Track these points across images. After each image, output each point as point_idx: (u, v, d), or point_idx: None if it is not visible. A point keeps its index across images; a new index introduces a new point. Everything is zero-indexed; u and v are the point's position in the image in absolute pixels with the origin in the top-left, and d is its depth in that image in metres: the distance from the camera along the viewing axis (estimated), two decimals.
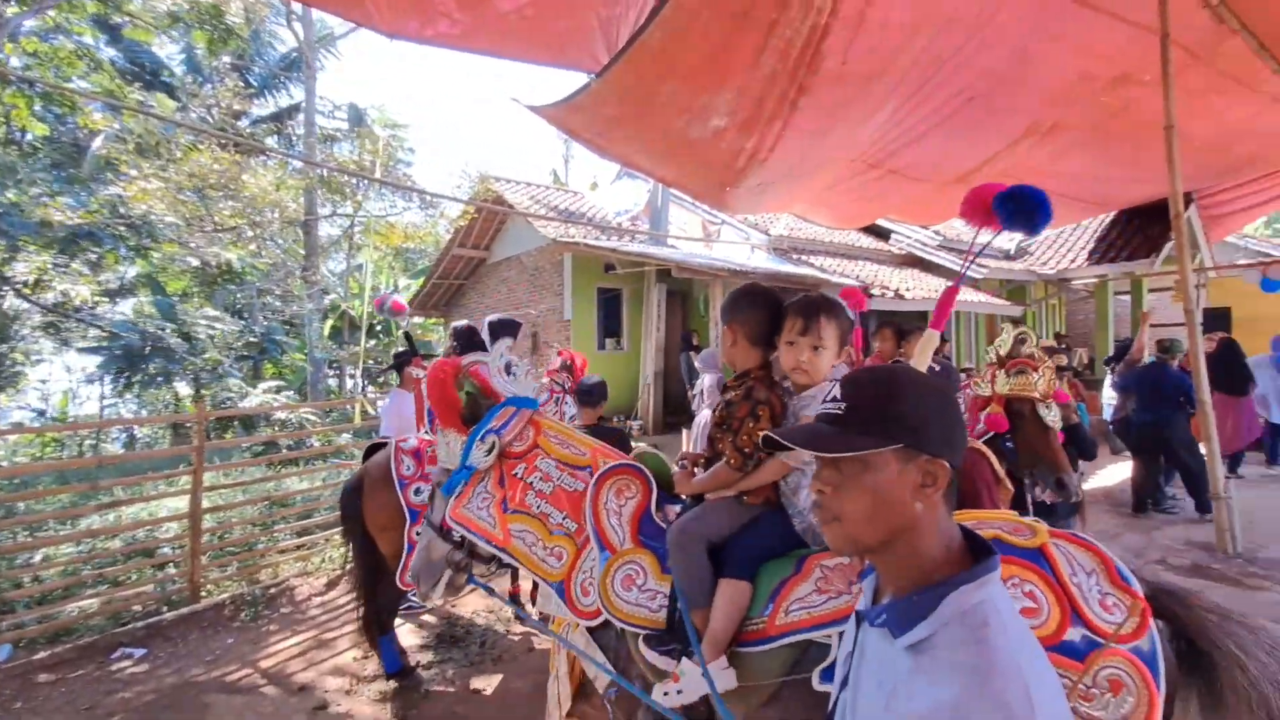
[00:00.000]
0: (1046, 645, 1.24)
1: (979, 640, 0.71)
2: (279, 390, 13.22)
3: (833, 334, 1.60)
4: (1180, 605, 1.43)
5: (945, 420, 0.84)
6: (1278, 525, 5.31)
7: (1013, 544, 1.42)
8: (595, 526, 1.88)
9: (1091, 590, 1.37)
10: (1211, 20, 5.27)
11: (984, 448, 2.41)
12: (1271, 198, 10.08)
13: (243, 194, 10.50)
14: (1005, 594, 0.80)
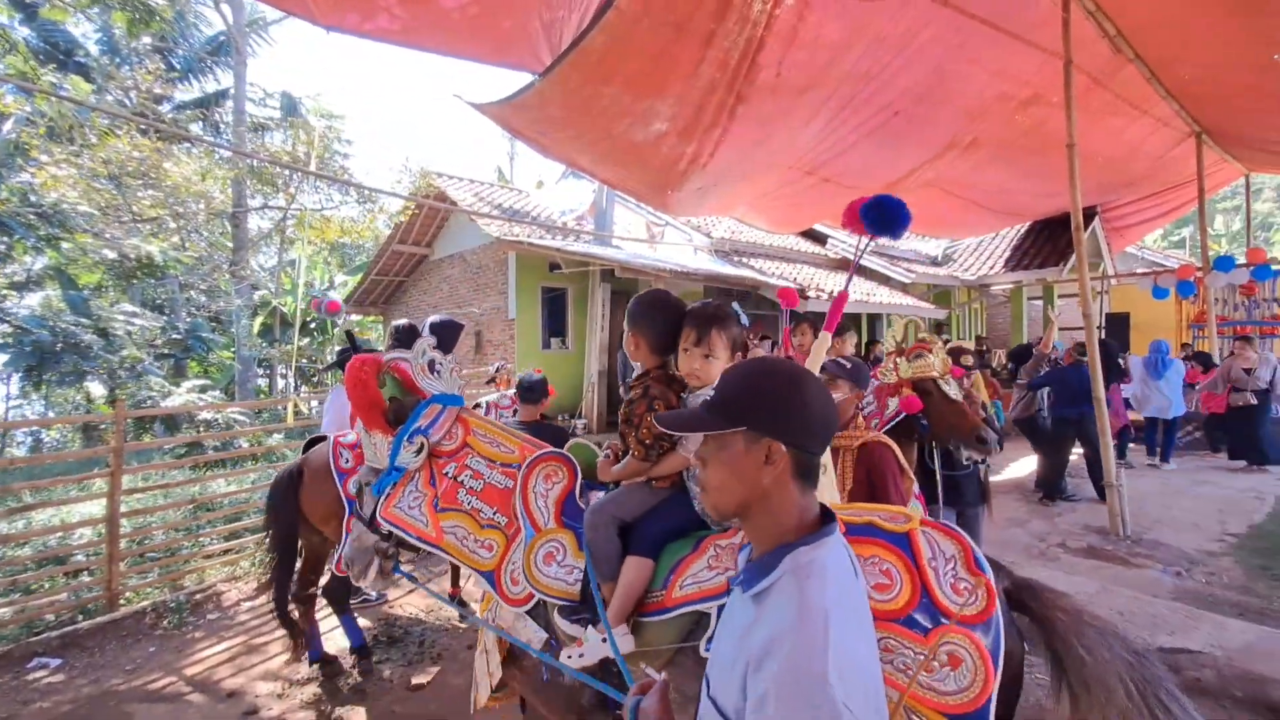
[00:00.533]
0: (894, 618, 1.43)
1: (800, 589, 0.84)
2: (204, 390, 12.56)
3: (723, 344, 1.73)
4: (1035, 602, 1.56)
5: (788, 410, 0.95)
6: (1162, 510, 5.85)
7: (883, 528, 1.56)
8: (524, 508, 2.01)
9: (946, 574, 1.48)
10: (1110, 49, 5.78)
11: (890, 441, 2.58)
12: (1166, 211, 11.05)
13: (164, 183, 9.94)
14: (839, 556, 0.92)
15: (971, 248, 13.03)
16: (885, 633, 1.43)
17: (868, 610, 0.92)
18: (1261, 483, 6.82)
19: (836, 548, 0.93)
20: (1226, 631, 3.46)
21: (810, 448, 0.96)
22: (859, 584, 0.93)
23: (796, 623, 0.80)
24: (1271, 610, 3.82)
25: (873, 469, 2.46)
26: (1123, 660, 1.39)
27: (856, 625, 0.84)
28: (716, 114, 4.73)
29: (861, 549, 1.52)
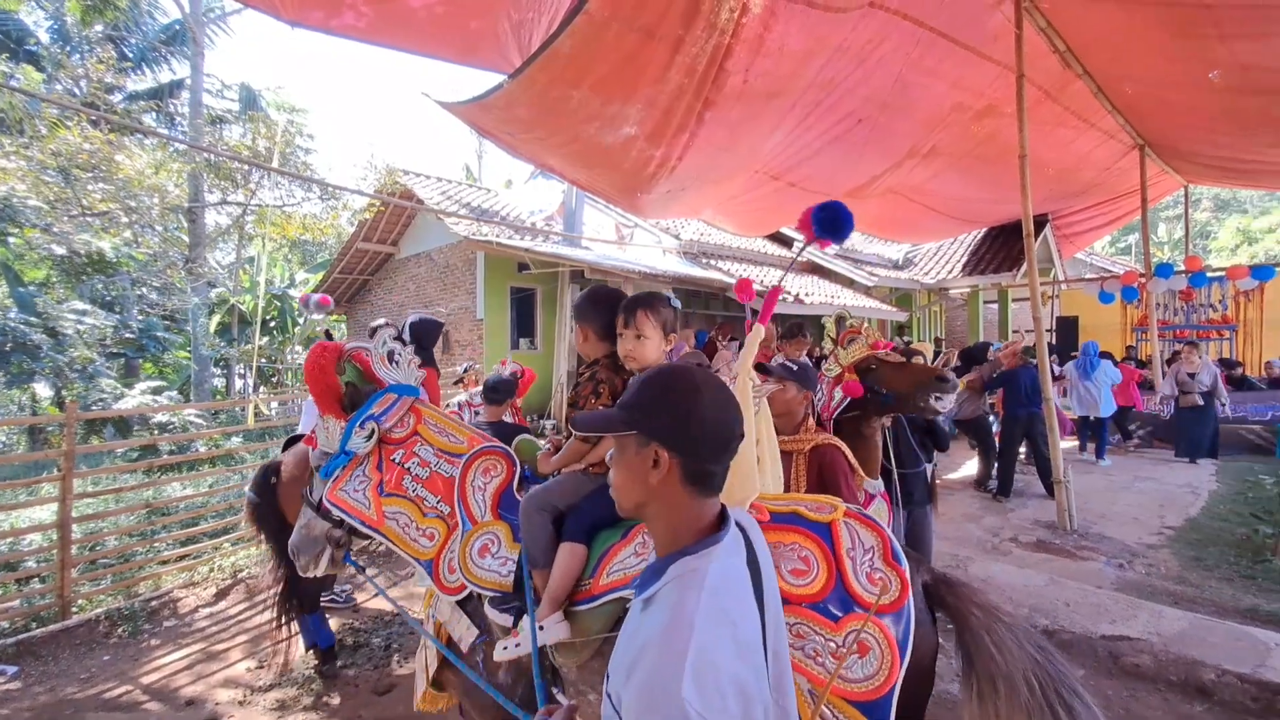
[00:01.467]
0: (808, 603, 1.48)
1: (676, 600, 0.86)
2: (159, 391, 12.13)
3: (651, 324, 1.80)
4: (952, 597, 1.59)
5: (674, 417, 0.96)
6: (1106, 505, 6.14)
7: (806, 518, 1.62)
8: (461, 501, 2.06)
9: (863, 564, 1.53)
10: (1060, 64, 6.03)
11: (840, 443, 2.62)
12: (1112, 219, 11.55)
13: (116, 176, 9.56)
14: (726, 563, 0.93)
15: (931, 252, 13.42)
16: (799, 618, 1.47)
17: (751, 615, 0.92)
18: (1197, 479, 7.21)
19: (725, 554, 0.94)
20: (1163, 619, 3.66)
21: (698, 456, 0.96)
22: (743, 590, 0.93)
23: (663, 634, 0.81)
24: (1203, 598, 4.05)
25: (824, 470, 2.51)
26: (1030, 658, 1.43)
27: (730, 635, 0.84)
28: (685, 118, 4.79)
29: (783, 536, 1.59)
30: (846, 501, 2.35)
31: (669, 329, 1.85)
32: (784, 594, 1.45)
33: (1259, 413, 8.50)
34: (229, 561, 5.08)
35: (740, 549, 0.98)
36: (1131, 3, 4.69)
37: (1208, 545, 5.01)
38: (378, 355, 2.33)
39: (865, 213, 8.74)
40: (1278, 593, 4.16)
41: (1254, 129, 6.42)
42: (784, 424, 2.66)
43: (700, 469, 0.96)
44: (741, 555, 0.98)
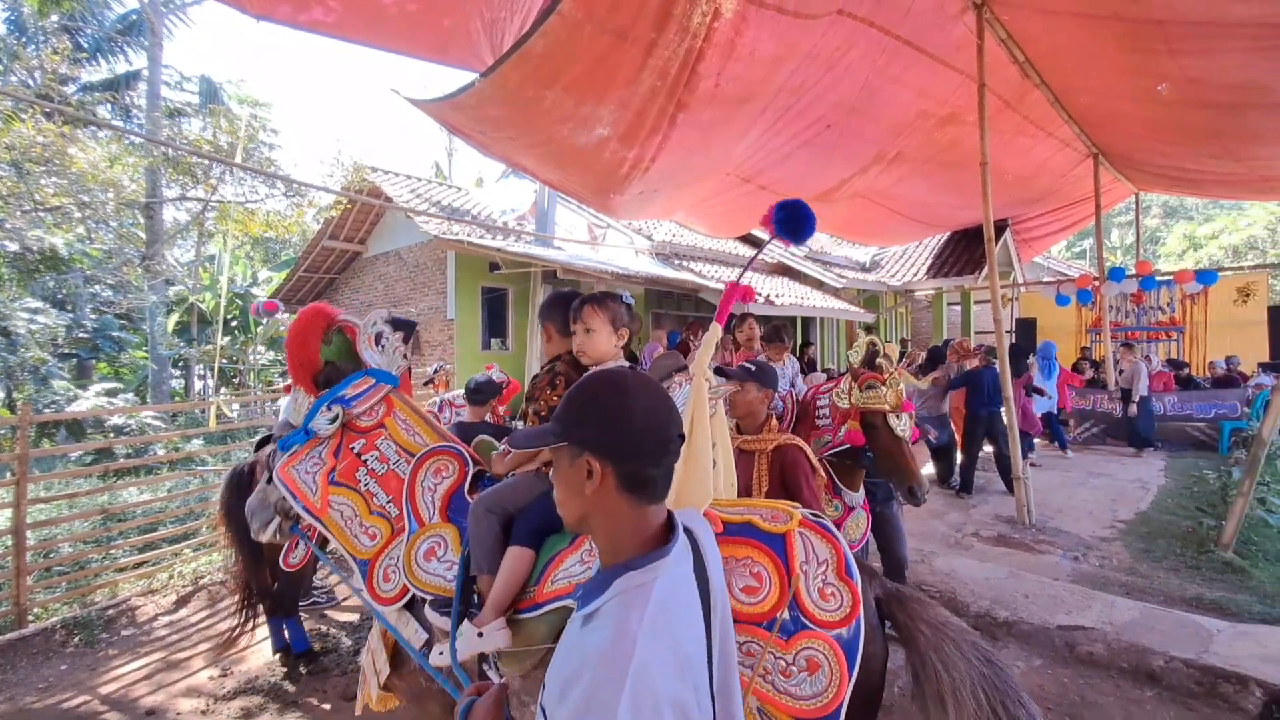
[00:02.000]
0: (759, 621, 1.45)
1: (619, 618, 0.83)
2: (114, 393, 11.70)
3: (600, 319, 1.83)
4: (902, 613, 1.57)
5: (603, 424, 0.94)
6: (1063, 500, 6.37)
7: (760, 529, 1.58)
8: (410, 502, 2.00)
9: (816, 579, 1.50)
10: (1019, 75, 6.24)
11: (802, 442, 2.58)
12: (1068, 225, 11.97)
13: (70, 170, 9.20)
14: (671, 578, 0.89)
15: (897, 255, 13.73)
16: (749, 636, 1.44)
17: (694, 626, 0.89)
18: (1147, 475, 7.52)
19: (673, 565, 0.91)
20: (1115, 609, 3.82)
21: (632, 461, 0.93)
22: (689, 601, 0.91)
23: (603, 656, 0.79)
24: (1152, 588, 4.24)
25: (786, 471, 2.51)
26: (977, 672, 1.43)
27: (672, 653, 0.81)
28: (658, 120, 4.82)
29: (736, 549, 1.54)
30: (808, 501, 2.36)
31: (619, 324, 1.87)
32: (735, 613, 1.43)
33: (1203, 410, 8.90)
34: (190, 568, 4.94)
35: (687, 556, 0.96)
36: (1087, 17, 4.88)
37: (1156, 537, 5.24)
38: (366, 335, 2.24)
39: (834, 216, 8.91)
40: (1220, 581, 4.37)
41: (1198, 140, 6.74)
42: (747, 424, 2.69)
43: (636, 474, 0.93)
44: (689, 563, 0.95)
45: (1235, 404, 8.73)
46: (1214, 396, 9.04)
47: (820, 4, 4.38)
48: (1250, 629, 3.59)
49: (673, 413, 0.99)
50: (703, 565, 0.97)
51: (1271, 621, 3.73)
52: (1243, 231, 20.77)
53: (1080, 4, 4.74)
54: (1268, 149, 6.57)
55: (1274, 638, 3.45)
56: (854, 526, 3.14)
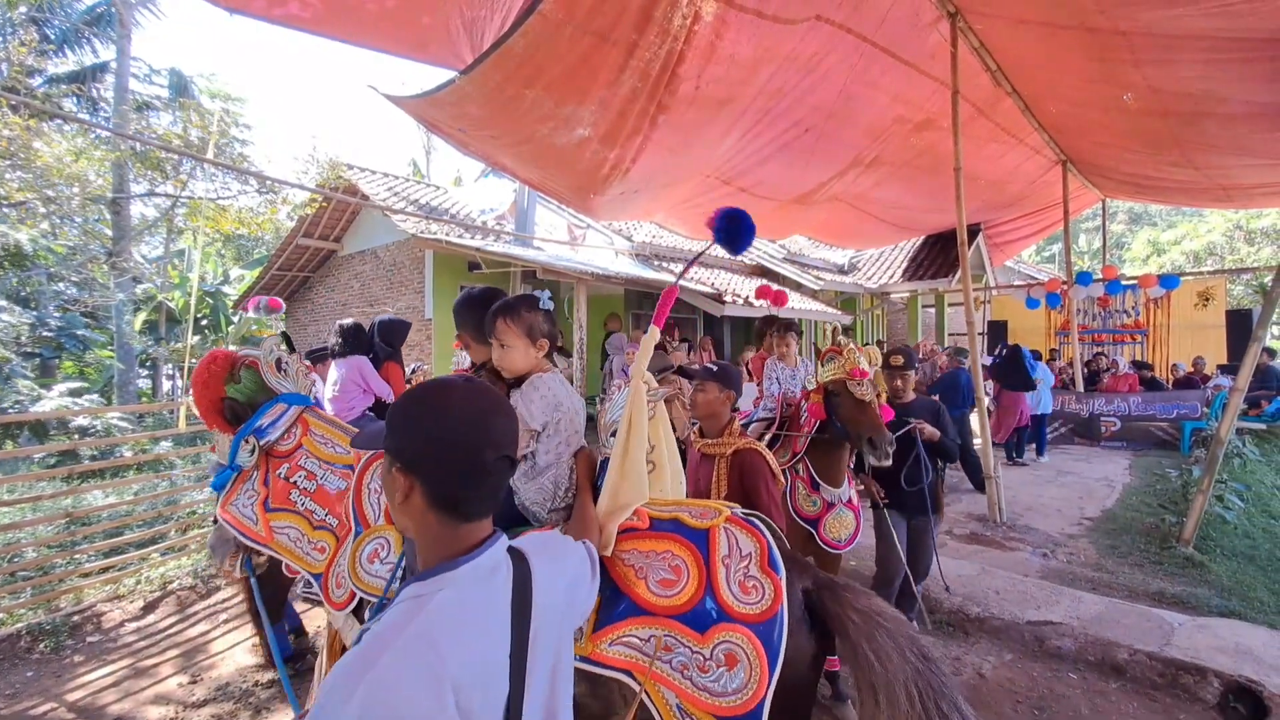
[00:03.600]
0: (675, 614, 1.44)
1: (381, 629, 0.81)
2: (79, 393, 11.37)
3: (513, 332, 1.78)
4: (834, 603, 1.53)
5: (412, 438, 0.92)
6: (1033, 499, 6.53)
7: (686, 524, 1.59)
8: (355, 505, 2.03)
9: (737, 572, 1.48)
10: (991, 83, 6.37)
11: (762, 447, 2.55)
12: (1038, 230, 12.25)
13: (34, 164, 8.92)
14: (459, 595, 0.86)
15: (874, 258, 13.92)
16: (665, 629, 1.43)
17: (481, 646, 0.85)
18: (1113, 473, 7.73)
19: (465, 582, 0.88)
20: (1082, 604, 3.93)
21: (440, 480, 0.91)
22: (482, 619, 0.87)
23: (346, 662, 0.76)
24: (1117, 584, 4.36)
25: (745, 476, 2.46)
26: (911, 668, 1.38)
27: (431, 669, 0.77)
28: (639, 122, 4.85)
29: (657, 544, 1.57)
30: (766, 508, 2.32)
31: (536, 334, 1.82)
32: (649, 606, 1.48)
33: (1166, 411, 9.19)
34: (158, 573, 4.82)
35: (499, 575, 0.92)
36: (1056, 27, 5.01)
37: (1121, 534, 5.39)
38: (266, 364, 2.32)
39: (811, 218, 9.01)
40: (1181, 576, 4.52)
41: (1160, 148, 6.95)
42: (708, 426, 2.63)
43: (446, 494, 0.91)
44: (500, 581, 0.92)
45: (1196, 404, 9.02)
46: (1176, 397, 9.34)
47: (798, 9, 4.44)
48: (1209, 622, 3.71)
49: (488, 433, 0.93)
50: (527, 585, 0.94)
51: (1228, 615, 3.87)
52: (1203, 238, 21.46)
53: (1049, 14, 4.87)
54: (1222, 158, 6.81)
55: (1231, 630, 3.58)
56: (836, 524, 3.08)
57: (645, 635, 1.46)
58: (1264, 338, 5.20)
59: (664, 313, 1.83)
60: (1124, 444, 9.19)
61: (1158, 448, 9.04)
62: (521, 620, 0.91)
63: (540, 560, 1.01)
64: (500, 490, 0.99)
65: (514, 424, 1.00)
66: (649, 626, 1.47)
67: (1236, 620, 3.77)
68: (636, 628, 1.48)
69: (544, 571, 1.00)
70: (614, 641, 1.48)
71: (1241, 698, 3.10)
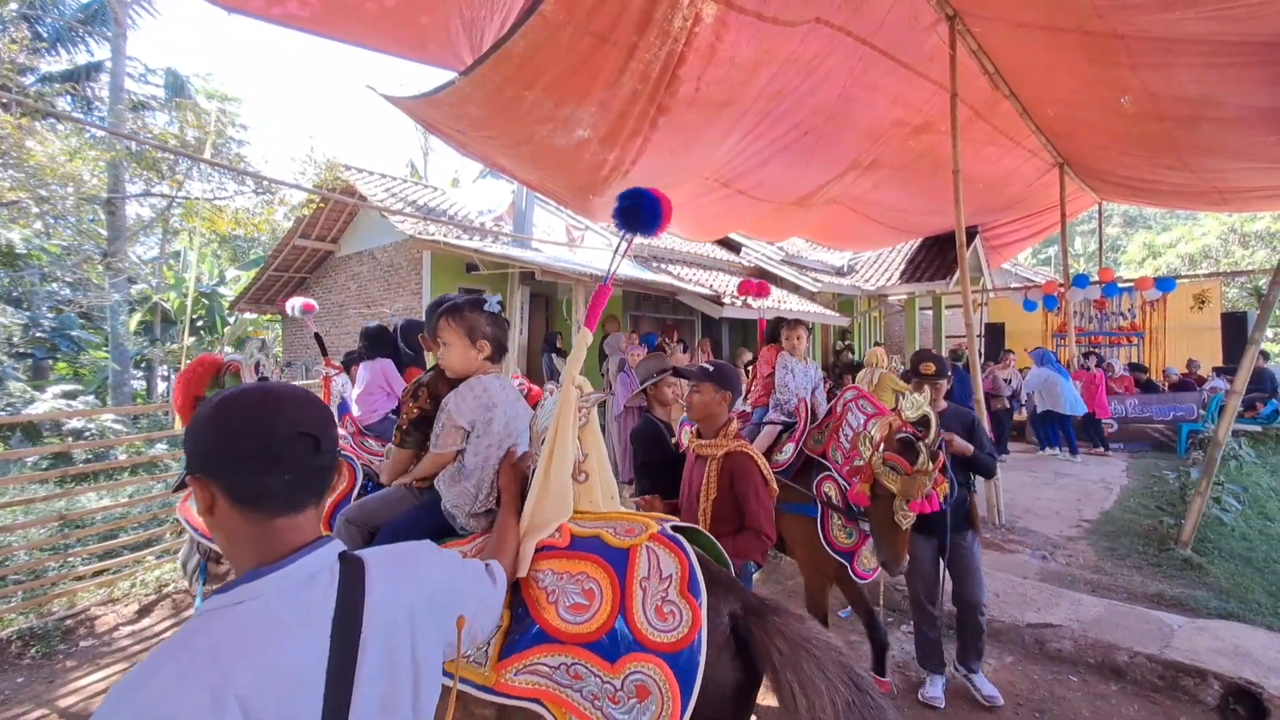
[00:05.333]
0: (585, 642, 1.35)
1: (175, 636, 0.79)
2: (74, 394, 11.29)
3: (453, 333, 1.81)
4: (760, 629, 1.42)
5: (203, 441, 0.88)
6: (1031, 500, 6.53)
7: (607, 543, 1.49)
8: None
9: (655, 596, 1.38)
10: (989, 85, 6.39)
11: (754, 451, 2.46)
12: (1036, 232, 12.29)
13: (26, 163, 8.87)
14: (265, 606, 0.83)
15: (871, 260, 13.94)
16: (575, 658, 1.35)
17: (301, 659, 0.82)
18: (1110, 475, 7.75)
19: (272, 593, 0.84)
20: (1082, 606, 3.93)
21: (238, 470, 0.87)
22: (301, 632, 0.83)
23: (124, 680, 0.74)
24: (1116, 586, 4.36)
25: (735, 479, 2.39)
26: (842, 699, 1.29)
27: (212, 683, 0.73)
28: (639, 123, 4.84)
29: (573, 564, 1.48)
30: (755, 514, 2.29)
31: (477, 334, 1.83)
32: (557, 633, 1.39)
33: (1162, 413, 9.22)
34: (153, 576, 4.79)
35: (316, 585, 0.88)
36: (1054, 30, 5.02)
37: (1120, 536, 5.40)
38: (247, 366, 2.48)
39: (810, 221, 9.02)
40: (1180, 578, 4.53)
41: (1156, 151, 6.98)
42: (704, 427, 2.56)
43: (243, 486, 0.87)
44: (316, 593, 0.87)
45: (1192, 406, 9.06)
46: (1172, 399, 9.37)
47: (798, 11, 4.44)
48: (1208, 624, 3.72)
49: (276, 412, 0.89)
50: (356, 593, 0.91)
51: (1227, 617, 3.88)
52: (1198, 241, 21.57)
53: (1048, 18, 4.88)
54: (1218, 161, 6.83)
55: (1230, 632, 3.58)
56: (869, 556, 2.89)
57: (555, 663, 1.38)
58: (1260, 341, 5.22)
59: (595, 314, 1.78)
60: (1121, 445, 9.23)
61: (1155, 449, 9.07)
62: (347, 630, 0.87)
63: (383, 569, 0.97)
64: (313, 476, 0.92)
65: (315, 408, 0.95)
66: (559, 654, 1.38)
67: (1235, 622, 3.78)
68: (546, 655, 1.40)
69: (385, 580, 0.96)
70: (521, 670, 1.40)
71: (1241, 700, 3.10)
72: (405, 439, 1.91)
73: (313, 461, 0.91)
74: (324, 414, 0.96)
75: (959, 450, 2.98)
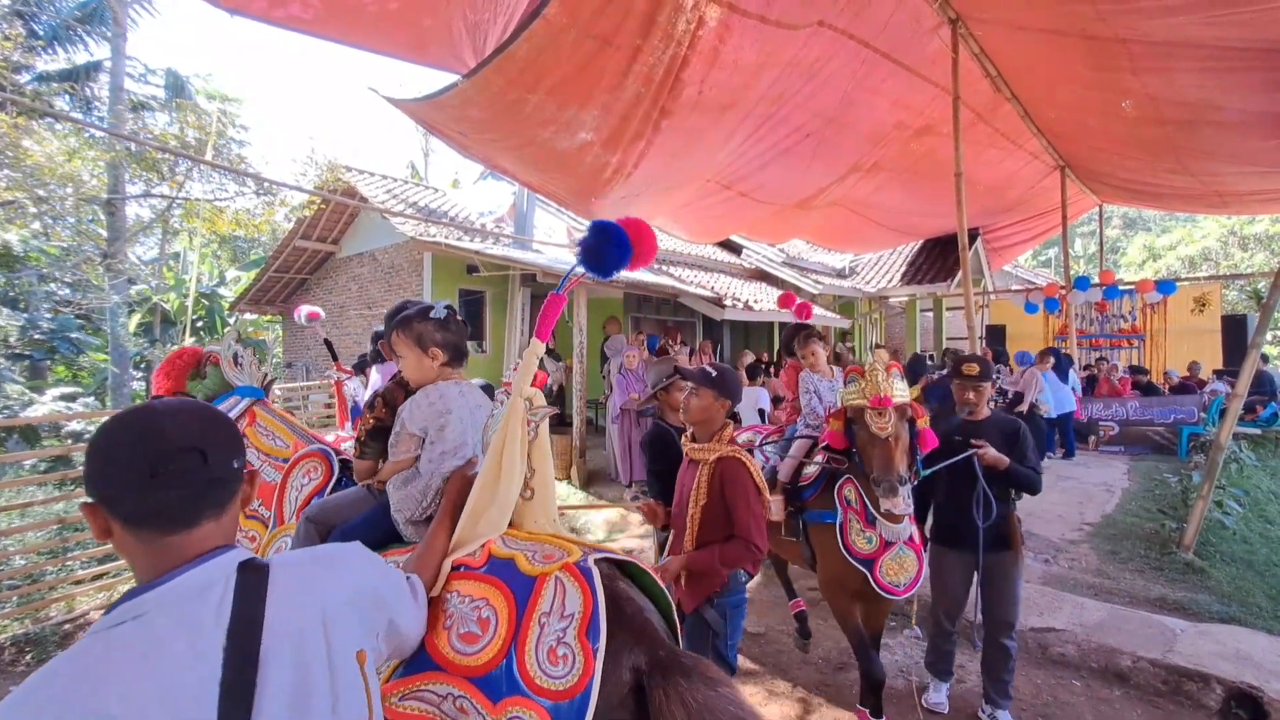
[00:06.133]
0: (472, 676, 1.26)
1: (60, 657, 0.79)
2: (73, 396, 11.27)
3: (403, 344, 1.84)
4: (661, 690, 1.26)
5: (89, 464, 0.87)
6: (1033, 504, 6.47)
7: (519, 568, 1.40)
8: (277, 501, 2.18)
9: (551, 635, 1.27)
10: (991, 88, 6.39)
11: (746, 457, 2.35)
12: (1037, 234, 12.30)
13: (25, 163, 8.85)
14: (140, 623, 0.80)
15: (872, 262, 13.95)
16: (461, 690, 1.28)
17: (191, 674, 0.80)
18: (1112, 478, 7.74)
19: (155, 611, 0.82)
20: (1085, 610, 3.92)
21: (115, 489, 0.86)
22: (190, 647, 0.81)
23: (7, 700, 0.74)
24: (1119, 590, 4.36)
25: (726, 485, 2.31)
26: None
27: (83, 711, 0.73)
28: (641, 126, 4.83)
29: (477, 589, 1.40)
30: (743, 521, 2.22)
31: (427, 343, 1.83)
32: (444, 662, 1.32)
33: (1163, 415, 9.22)
34: None
35: (209, 596, 0.86)
36: (1056, 34, 5.03)
37: (1122, 540, 5.40)
38: (226, 358, 2.52)
39: (811, 223, 9.02)
40: (1182, 582, 4.52)
41: (1156, 154, 6.99)
42: (700, 431, 2.48)
43: (135, 506, 0.85)
44: (208, 604, 0.85)
45: (1193, 409, 9.05)
46: (1173, 402, 9.37)
47: (801, 15, 4.44)
48: (1211, 628, 3.71)
49: (157, 434, 0.87)
50: (255, 600, 0.88)
51: (1229, 621, 3.87)
52: (1198, 243, 21.60)
53: (1049, 21, 4.88)
54: (1217, 164, 6.84)
55: (1232, 637, 3.58)
56: (895, 566, 2.73)
57: (443, 692, 1.31)
58: (1262, 345, 5.22)
59: (547, 324, 1.70)
60: (1121, 448, 9.22)
61: (1155, 452, 9.06)
62: (243, 643, 0.84)
63: (294, 572, 0.94)
64: (204, 489, 0.89)
65: (200, 421, 0.92)
66: (447, 684, 1.31)
67: (1237, 626, 3.78)
68: (434, 683, 1.33)
69: (295, 584, 0.93)
70: (408, 694, 1.33)
71: (1243, 703, 3.10)
72: (364, 450, 1.96)
73: (201, 475, 0.89)
74: (210, 426, 0.93)
75: (991, 462, 2.82)
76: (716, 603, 2.34)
